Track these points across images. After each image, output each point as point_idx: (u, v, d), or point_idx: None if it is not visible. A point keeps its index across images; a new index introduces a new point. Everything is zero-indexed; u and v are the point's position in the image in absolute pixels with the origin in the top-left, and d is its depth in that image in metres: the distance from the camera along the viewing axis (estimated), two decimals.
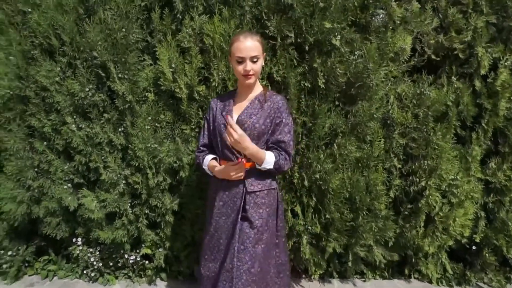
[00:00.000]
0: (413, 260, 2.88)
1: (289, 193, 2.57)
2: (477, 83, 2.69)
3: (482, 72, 2.63)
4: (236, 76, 2.00)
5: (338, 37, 2.36)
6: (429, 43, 2.60)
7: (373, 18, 2.48)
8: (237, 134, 1.63)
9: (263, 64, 1.87)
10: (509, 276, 2.91)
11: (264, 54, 1.87)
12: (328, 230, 2.62)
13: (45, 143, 2.52)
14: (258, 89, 1.92)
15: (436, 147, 2.57)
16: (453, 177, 2.63)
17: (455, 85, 2.66)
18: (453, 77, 2.67)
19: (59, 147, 2.49)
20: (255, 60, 1.75)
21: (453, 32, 2.64)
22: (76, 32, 2.32)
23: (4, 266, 2.74)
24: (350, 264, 2.74)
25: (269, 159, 1.77)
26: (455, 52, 2.66)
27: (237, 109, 1.86)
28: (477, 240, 2.82)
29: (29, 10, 2.41)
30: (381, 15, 2.51)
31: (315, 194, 2.55)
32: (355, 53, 2.40)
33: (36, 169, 2.58)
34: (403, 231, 2.72)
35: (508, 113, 2.69)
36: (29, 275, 2.85)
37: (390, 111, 2.55)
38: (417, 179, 2.62)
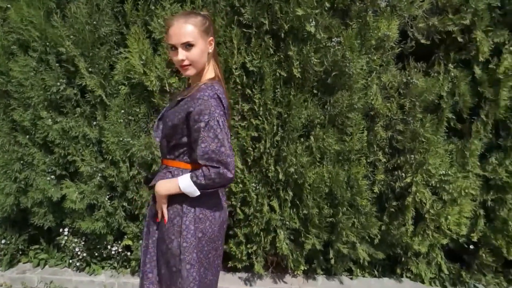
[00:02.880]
0: (403, 259, 2.72)
1: (265, 186, 2.49)
2: (477, 71, 2.47)
3: (481, 58, 2.41)
4: None
5: (313, 23, 2.22)
6: (418, 28, 2.39)
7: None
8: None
9: (210, 50, 1.50)
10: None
11: (211, 38, 1.49)
12: (306, 226, 2.52)
13: (27, 136, 2.58)
14: (202, 81, 1.52)
15: (424, 140, 2.38)
16: (443, 172, 2.43)
17: (452, 73, 2.45)
18: (450, 64, 2.46)
19: (39, 140, 2.55)
20: (188, 46, 1.42)
21: (450, 14, 2.42)
22: (48, 26, 2.33)
23: None
24: (333, 261, 2.64)
25: (184, 185, 1.42)
26: (453, 35, 2.44)
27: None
28: (475, 240, 2.62)
29: (8, 6, 2.46)
30: None
31: (292, 188, 2.45)
32: (333, 40, 2.25)
33: (21, 162, 2.65)
34: (390, 229, 2.57)
35: (510, 103, 2.45)
36: (23, 263, 2.97)
37: (373, 102, 2.38)
38: (403, 174, 2.45)
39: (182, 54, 1.42)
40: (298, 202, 2.48)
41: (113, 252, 2.77)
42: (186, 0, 2.33)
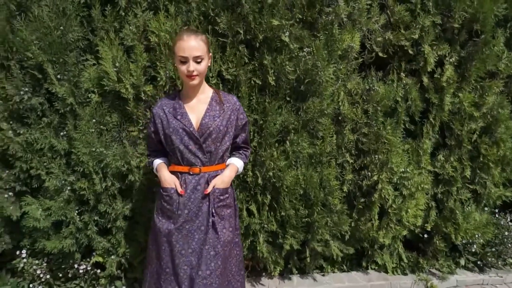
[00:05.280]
0: (370, 252, 2.94)
1: (243, 192, 2.55)
2: (425, 79, 2.77)
3: (428, 68, 2.70)
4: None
5: (287, 33, 2.35)
6: (376, 41, 2.64)
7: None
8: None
9: (209, 64, 1.84)
10: (458, 261, 3.04)
11: (211, 54, 1.84)
12: (284, 227, 2.62)
13: None
14: (208, 90, 1.90)
15: (386, 141, 2.62)
16: (403, 170, 2.70)
17: (404, 81, 2.73)
18: (402, 73, 2.74)
19: None
20: (198, 60, 1.71)
21: (402, 29, 2.69)
22: (8, 30, 2.16)
23: None
24: (308, 260, 2.76)
25: (241, 168, 1.98)
26: (405, 48, 2.71)
27: (192, 111, 1.81)
28: (428, 229, 2.93)
29: None
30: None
31: (270, 191, 2.54)
32: (304, 50, 2.40)
33: None
34: (358, 225, 2.77)
35: (452, 107, 2.80)
36: None
37: (341, 107, 2.57)
38: (369, 173, 2.67)
39: (193, 66, 1.71)
40: (275, 205, 2.57)
41: (80, 271, 2.60)
42: (160, 8, 2.32)
